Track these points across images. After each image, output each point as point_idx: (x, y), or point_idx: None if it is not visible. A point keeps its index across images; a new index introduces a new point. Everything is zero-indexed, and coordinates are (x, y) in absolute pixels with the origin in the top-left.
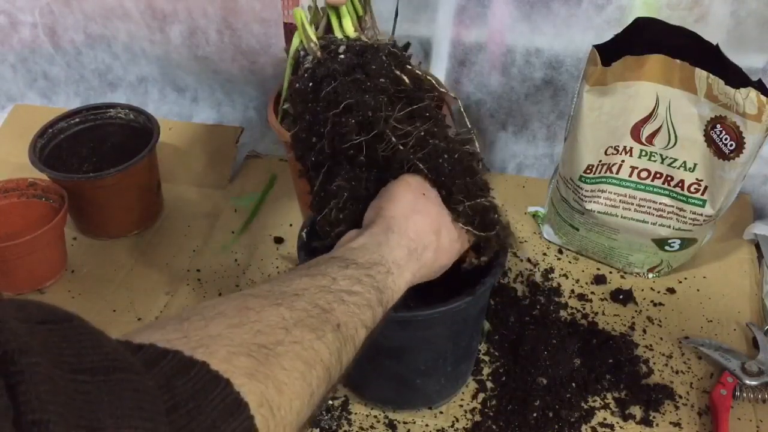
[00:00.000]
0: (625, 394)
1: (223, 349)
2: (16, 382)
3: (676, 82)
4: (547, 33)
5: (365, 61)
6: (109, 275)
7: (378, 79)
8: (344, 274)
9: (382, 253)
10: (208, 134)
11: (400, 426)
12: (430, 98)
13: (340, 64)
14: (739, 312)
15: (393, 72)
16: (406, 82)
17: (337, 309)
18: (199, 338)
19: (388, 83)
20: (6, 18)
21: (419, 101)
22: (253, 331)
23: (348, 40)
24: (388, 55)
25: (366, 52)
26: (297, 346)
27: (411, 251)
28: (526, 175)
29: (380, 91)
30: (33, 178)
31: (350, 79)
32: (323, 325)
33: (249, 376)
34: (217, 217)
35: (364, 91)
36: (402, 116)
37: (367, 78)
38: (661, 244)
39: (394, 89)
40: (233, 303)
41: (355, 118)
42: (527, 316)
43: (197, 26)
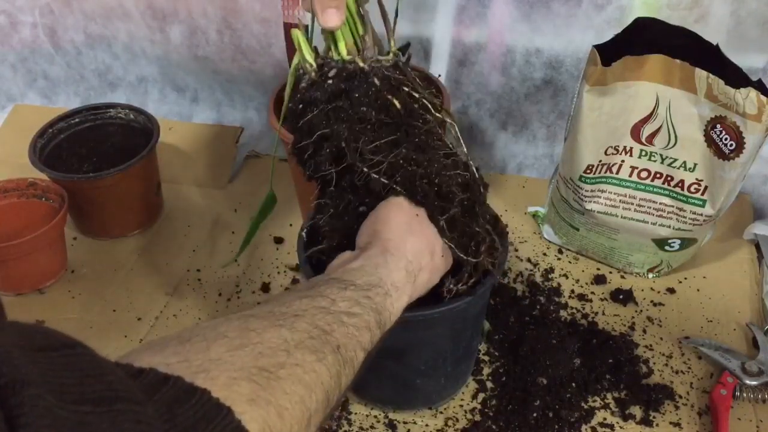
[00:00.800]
0: (625, 394)
1: (224, 375)
2: (16, 414)
3: (676, 82)
4: (547, 33)
5: (351, 87)
6: (109, 275)
7: (360, 108)
8: (343, 296)
9: (381, 276)
10: (208, 134)
11: (400, 426)
12: (420, 123)
13: (324, 92)
14: (739, 312)
15: (383, 97)
16: (397, 108)
17: (337, 330)
18: (200, 362)
19: (370, 111)
20: (6, 18)
21: (407, 127)
22: (254, 354)
23: (342, 63)
24: (383, 79)
25: (355, 78)
26: (298, 369)
27: (409, 273)
28: (526, 175)
29: (359, 120)
30: (33, 178)
31: (331, 107)
32: (324, 347)
33: (250, 402)
34: (217, 217)
35: (342, 120)
36: (374, 147)
37: (350, 106)
38: (661, 244)
39: (380, 116)
40: (235, 324)
41: (330, 148)
42: (527, 316)
43: (197, 26)
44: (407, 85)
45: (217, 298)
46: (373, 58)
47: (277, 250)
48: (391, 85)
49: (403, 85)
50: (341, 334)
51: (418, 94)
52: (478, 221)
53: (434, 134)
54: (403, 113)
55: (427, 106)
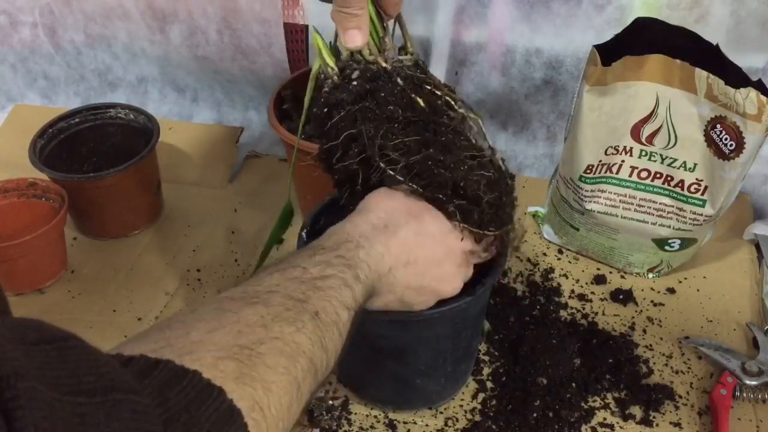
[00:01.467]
0: (625, 394)
1: (209, 355)
2: (12, 407)
3: (676, 82)
4: (547, 33)
5: (376, 87)
6: (109, 275)
7: (386, 107)
8: (313, 261)
9: (347, 231)
10: (208, 134)
11: (400, 426)
12: (445, 120)
13: (349, 93)
14: (739, 312)
15: (407, 95)
16: (421, 106)
17: (312, 297)
18: (182, 345)
19: (398, 110)
20: (6, 18)
21: (434, 125)
22: (234, 333)
23: (363, 64)
24: (405, 79)
25: (379, 78)
26: (278, 342)
27: (378, 225)
28: (526, 175)
29: (387, 119)
30: (33, 178)
31: (357, 108)
32: (301, 316)
33: (236, 381)
34: (217, 217)
35: (369, 119)
36: (399, 144)
37: (377, 105)
38: (661, 244)
39: (406, 115)
40: (210, 307)
41: (357, 148)
42: (527, 316)
43: (197, 26)
44: (429, 83)
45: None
46: (394, 58)
47: (277, 250)
48: (414, 84)
49: (425, 83)
50: (317, 298)
51: (440, 92)
52: (505, 210)
53: (459, 133)
54: (428, 111)
55: (450, 103)
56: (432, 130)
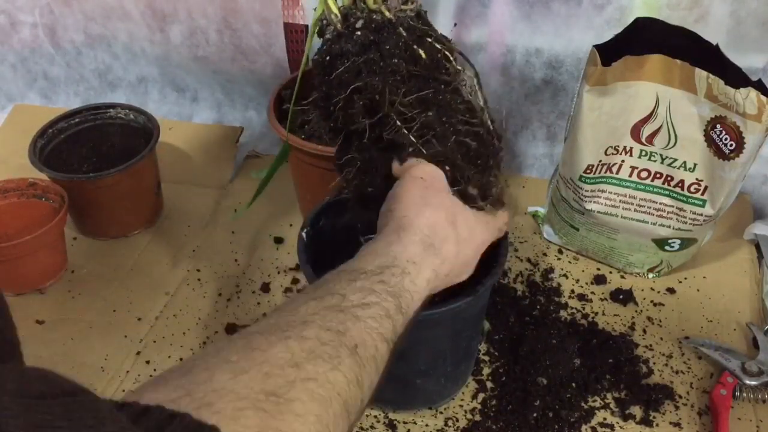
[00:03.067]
0: (625, 394)
1: (229, 406)
2: None
3: (676, 82)
4: (547, 33)
5: (381, 38)
6: (109, 275)
7: (391, 60)
8: (354, 288)
9: (395, 254)
10: (208, 134)
11: (400, 426)
12: (445, 76)
13: (354, 44)
14: (739, 312)
15: (411, 48)
16: (423, 58)
17: (351, 328)
18: (203, 395)
19: (401, 63)
20: (6, 18)
21: (434, 81)
22: (260, 375)
23: (367, 13)
24: (408, 30)
25: (383, 29)
26: (311, 384)
27: (427, 246)
28: (526, 175)
29: (392, 72)
30: (33, 178)
31: (362, 60)
32: (338, 351)
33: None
34: (217, 217)
35: (374, 72)
36: (409, 101)
37: (381, 58)
38: (661, 244)
39: (409, 68)
40: (238, 345)
41: (363, 101)
42: (527, 316)
43: (197, 26)
44: (430, 35)
45: (217, 298)
46: (397, 8)
47: (277, 250)
48: (417, 36)
49: (427, 35)
50: (357, 330)
51: (441, 45)
52: (492, 172)
53: (456, 91)
54: (430, 64)
55: (448, 56)
56: (433, 87)
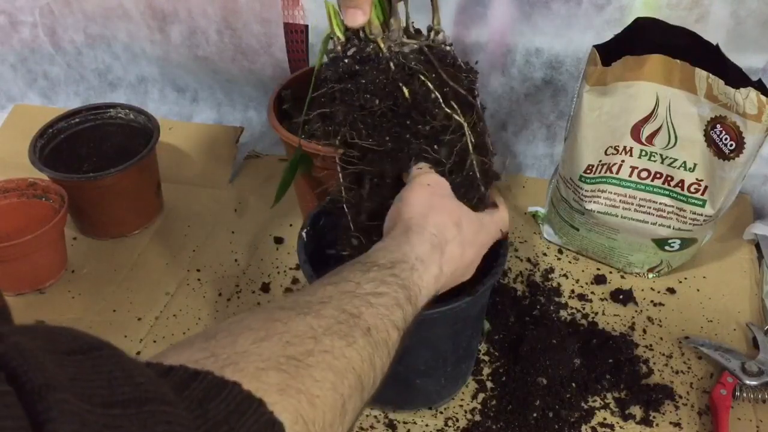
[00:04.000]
0: (625, 394)
1: (252, 366)
2: (43, 420)
3: (676, 82)
4: (547, 33)
5: (362, 71)
6: (109, 275)
7: (364, 94)
8: (368, 278)
9: (404, 251)
10: (208, 134)
11: (400, 426)
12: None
13: (335, 71)
14: (739, 312)
15: (393, 85)
16: (405, 97)
17: (365, 313)
18: (227, 356)
19: (373, 99)
20: (6, 18)
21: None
22: (281, 343)
23: (363, 42)
24: (398, 65)
25: (369, 61)
26: (327, 356)
27: (434, 246)
28: (526, 175)
29: (360, 107)
30: (33, 178)
31: (338, 88)
32: (353, 331)
33: (281, 392)
34: (217, 217)
35: (345, 102)
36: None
37: (356, 90)
38: (661, 244)
39: (387, 104)
40: (260, 316)
41: (325, 127)
42: (527, 316)
43: (197, 26)
44: (424, 74)
45: (217, 298)
46: (397, 40)
47: (277, 250)
48: (404, 72)
49: (421, 73)
50: (370, 315)
51: (432, 84)
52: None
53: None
54: (412, 105)
55: (437, 101)
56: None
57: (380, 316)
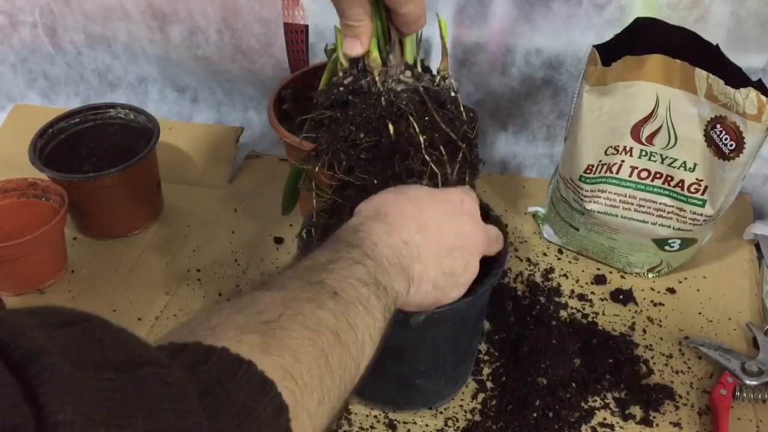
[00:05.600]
0: (625, 394)
1: (230, 333)
2: (36, 384)
3: (676, 82)
4: (547, 33)
5: (353, 102)
6: (109, 275)
7: (349, 126)
8: (319, 252)
9: (344, 227)
10: (208, 134)
11: (400, 426)
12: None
13: (327, 98)
14: (739, 312)
15: (381, 121)
16: (390, 134)
17: (327, 278)
18: (204, 329)
19: (358, 133)
20: (6, 18)
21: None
22: (253, 312)
23: (360, 74)
24: (389, 102)
25: (361, 93)
26: (299, 317)
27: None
28: (526, 175)
29: (343, 138)
30: (33, 178)
31: (327, 115)
32: (320, 295)
33: (263, 352)
34: (217, 217)
35: (330, 130)
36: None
37: (343, 121)
38: (661, 244)
39: (372, 138)
40: (227, 302)
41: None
42: (527, 316)
43: (197, 26)
44: (413, 115)
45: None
46: (395, 76)
47: (277, 250)
48: (393, 110)
49: (410, 114)
50: (332, 279)
51: (419, 127)
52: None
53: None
54: (393, 143)
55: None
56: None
57: (342, 277)
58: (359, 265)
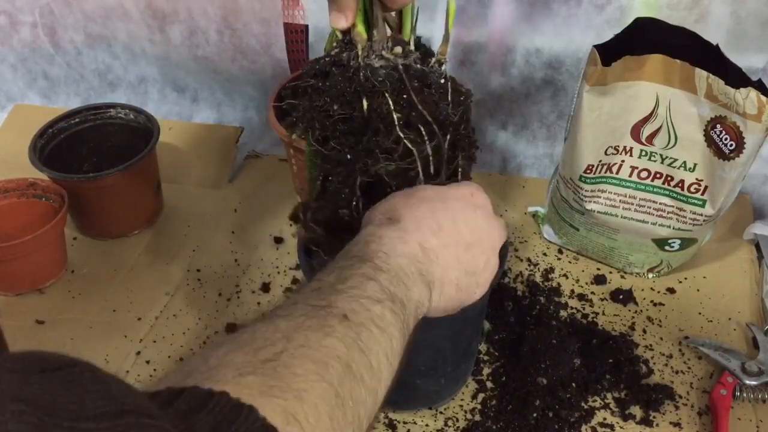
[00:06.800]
0: (625, 394)
1: (228, 375)
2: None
3: (676, 82)
4: (547, 33)
5: (332, 74)
6: (109, 275)
7: (324, 97)
8: (327, 272)
9: (355, 240)
10: (208, 134)
11: (400, 426)
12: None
13: (312, 68)
14: (739, 312)
15: (355, 95)
16: (363, 109)
17: (336, 300)
18: (201, 372)
19: (332, 105)
20: (6, 18)
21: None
22: (252, 350)
23: (346, 47)
24: (366, 78)
25: (340, 65)
26: (303, 349)
27: (381, 222)
28: (526, 175)
29: (317, 108)
30: (33, 178)
31: (309, 84)
32: (327, 321)
33: (264, 394)
34: (217, 217)
35: (309, 98)
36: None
37: (322, 90)
38: (661, 244)
39: (345, 111)
40: (229, 337)
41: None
42: (527, 316)
43: (197, 26)
44: (388, 92)
45: (217, 298)
46: (377, 52)
47: (277, 250)
48: (369, 86)
49: (386, 90)
50: (342, 301)
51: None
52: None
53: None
54: (365, 118)
55: (393, 123)
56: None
57: (352, 297)
58: (371, 282)
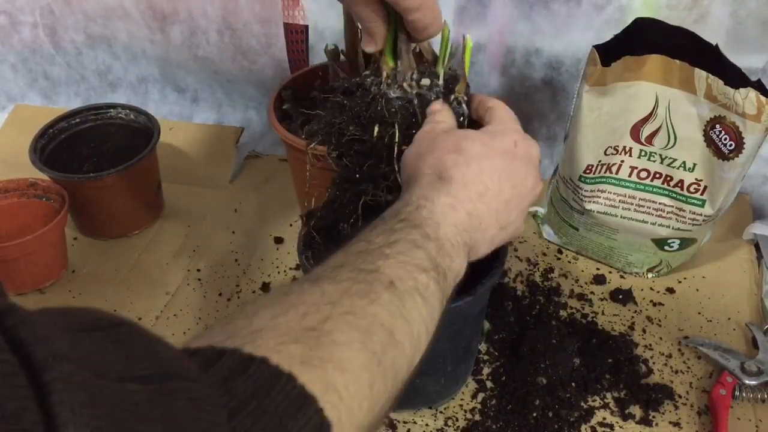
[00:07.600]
0: (625, 394)
1: (271, 342)
2: (48, 391)
3: (675, 82)
4: (547, 33)
5: (354, 96)
6: (109, 275)
7: (342, 115)
8: (376, 233)
9: (404, 199)
10: (208, 134)
11: (400, 426)
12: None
13: (341, 85)
14: (739, 312)
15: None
16: (374, 137)
17: (383, 266)
18: (243, 336)
19: (347, 125)
20: (6, 18)
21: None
22: (297, 316)
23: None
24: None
25: (361, 88)
26: (349, 316)
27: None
28: None
29: (334, 124)
30: (33, 178)
31: (335, 99)
32: (373, 287)
33: (303, 364)
34: (217, 217)
35: (330, 112)
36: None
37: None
38: (660, 244)
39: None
40: (275, 295)
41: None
42: (527, 316)
43: (197, 26)
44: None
45: (218, 298)
46: (397, 83)
47: (277, 250)
48: (382, 115)
49: (396, 122)
50: (389, 266)
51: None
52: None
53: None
54: (374, 145)
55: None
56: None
57: (400, 264)
58: (419, 250)
